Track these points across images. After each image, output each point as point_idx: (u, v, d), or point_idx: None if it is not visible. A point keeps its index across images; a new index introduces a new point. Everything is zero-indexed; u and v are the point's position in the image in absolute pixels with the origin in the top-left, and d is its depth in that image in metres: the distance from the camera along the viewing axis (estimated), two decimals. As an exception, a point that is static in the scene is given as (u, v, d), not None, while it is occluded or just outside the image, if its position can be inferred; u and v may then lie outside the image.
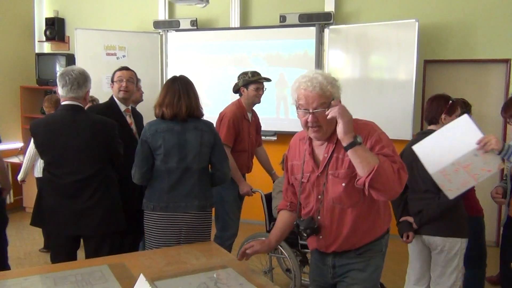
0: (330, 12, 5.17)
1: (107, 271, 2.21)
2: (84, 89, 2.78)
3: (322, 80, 1.92)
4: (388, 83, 5.00)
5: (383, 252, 2.11)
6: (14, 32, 6.31)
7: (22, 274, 2.22)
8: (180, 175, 2.68)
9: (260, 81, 3.68)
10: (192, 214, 2.69)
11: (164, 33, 5.90)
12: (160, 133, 2.66)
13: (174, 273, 2.21)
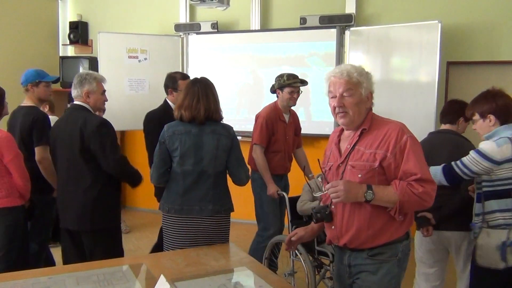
0: (351, 14, 5.14)
1: (128, 271, 2.24)
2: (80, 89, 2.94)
3: (350, 69, 2.03)
4: (410, 86, 4.94)
5: (400, 259, 2.03)
6: (39, 35, 6.45)
7: (46, 273, 2.26)
8: (195, 178, 2.67)
9: (294, 85, 3.68)
10: (207, 218, 2.68)
11: (185, 36, 5.95)
12: (178, 135, 2.67)
13: (193, 274, 2.22)
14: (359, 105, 2.02)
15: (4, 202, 2.91)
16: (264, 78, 5.59)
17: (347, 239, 2.04)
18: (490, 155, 2.49)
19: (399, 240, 2.02)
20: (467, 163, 2.56)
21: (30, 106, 3.43)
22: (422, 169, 1.91)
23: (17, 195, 2.97)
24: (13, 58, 6.05)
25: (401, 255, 2.03)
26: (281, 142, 3.75)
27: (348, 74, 2.00)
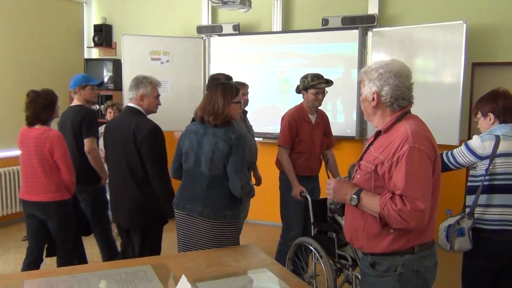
0: (374, 15, 5.09)
1: (150, 271, 2.26)
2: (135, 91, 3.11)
3: (366, 67, 2.02)
4: (434, 87, 4.87)
5: (402, 274, 1.87)
6: (64, 38, 6.57)
7: (70, 272, 2.30)
8: (192, 177, 2.75)
9: (318, 86, 3.65)
10: (197, 219, 2.71)
11: (207, 38, 5.99)
12: (188, 134, 2.79)
13: (214, 275, 2.23)
14: (363, 103, 2.01)
15: (55, 196, 3.23)
16: (286, 79, 5.58)
17: (349, 236, 2.04)
18: (474, 149, 2.65)
19: (399, 253, 1.88)
20: (455, 154, 2.72)
21: (79, 105, 3.82)
22: (407, 185, 1.75)
23: (65, 190, 3.29)
24: (40, 60, 6.19)
25: (403, 270, 1.87)
26: (307, 143, 3.73)
27: (362, 72, 2.01)
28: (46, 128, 3.26)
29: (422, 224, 1.79)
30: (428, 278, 1.93)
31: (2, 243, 5.10)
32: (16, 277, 2.38)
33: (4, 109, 5.73)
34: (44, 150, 3.19)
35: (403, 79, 1.91)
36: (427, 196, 1.78)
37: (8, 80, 5.80)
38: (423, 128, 1.90)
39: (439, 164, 1.91)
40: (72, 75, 6.54)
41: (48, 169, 3.21)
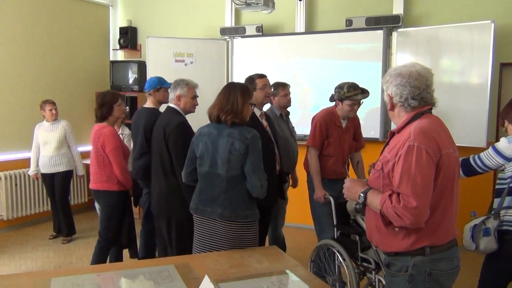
0: (399, 15, 5.03)
1: (173, 270, 2.28)
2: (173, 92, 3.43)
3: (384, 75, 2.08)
4: (461, 88, 4.77)
5: (413, 276, 1.88)
6: (91, 41, 6.70)
7: (95, 270, 2.34)
8: (209, 179, 2.72)
9: (354, 98, 3.57)
10: (217, 222, 2.69)
11: (230, 39, 6.01)
12: (201, 137, 2.77)
13: (237, 276, 2.24)
14: (387, 106, 2.07)
15: (104, 186, 3.61)
16: (309, 81, 5.56)
17: (368, 233, 2.10)
18: (501, 150, 2.69)
19: (410, 254, 1.89)
20: (482, 157, 2.75)
21: (152, 108, 4.02)
22: (401, 182, 1.79)
23: (115, 182, 3.60)
24: (67, 62, 6.33)
25: (414, 271, 1.88)
26: (335, 146, 3.69)
27: (382, 79, 2.09)
28: (103, 125, 3.64)
29: (418, 222, 1.78)
30: (443, 282, 1.91)
31: (30, 241, 5.23)
32: (44, 275, 2.44)
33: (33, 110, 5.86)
34: (98, 145, 3.58)
35: (412, 80, 1.93)
36: (422, 193, 1.77)
37: (37, 82, 5.94)
38: (433, 128, 1.88)
39: (449, 165, 1.87)
40: (98, 76, 6.74)
41: (101, 161, 3.60)
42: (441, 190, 1.85)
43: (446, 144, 1.88)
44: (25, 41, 5.76)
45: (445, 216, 1.87)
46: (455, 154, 1.94)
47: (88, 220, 6.22)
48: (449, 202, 1.89)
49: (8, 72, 5.59)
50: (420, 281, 1.89)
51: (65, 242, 5.22)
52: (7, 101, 5.55)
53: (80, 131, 6.51)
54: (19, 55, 5.70)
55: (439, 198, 1.85)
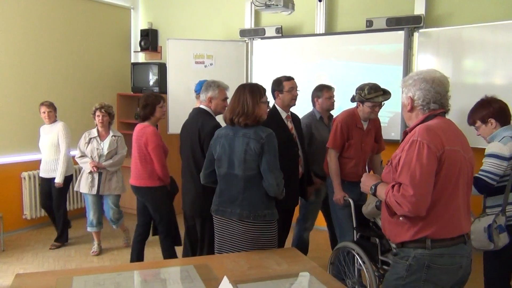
0: (420, 15, 4.96)
1: (193, 271, 2.29)
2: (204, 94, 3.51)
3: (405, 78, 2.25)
4: (485, 89, 4.63)
5: (411, 266, 2.02)
6: (113, 43, 6.79)
7: (116, 270, 2.37)
8: (228, 180, 2.77)
9: (375, 100, 3.54)
10: (237, 222, 2.72)
11: (249, 41, 6.02)
12: (219, 139, 2.82)
13: (256, 277, 2.24)
14: (403, 109, 2.22)
15: (146, 182, 3.85)
16: (329, 82, 5.53)
17: (382, 227, 2.23)
18: (503, 154, 2.78)
19: (412, 246, 2.02)
20: (490, 169, 2.79)
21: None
22: (401, 172, 1.96)
23: (156, 178, 3.83)
24: (90, 64, 6.43)
25: (413, 262, 2.01)
26: (356, 149, 3.66)
27: (402, 81, 2.25)
28: (145, 125, 3.87)
29: (415, 210, 1.91)
30: (440, 276, 2.00)
31: (53, 240, 5.32)
32: (66, 273, 2.48)
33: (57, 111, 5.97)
34: (141, 143, 3.81)
35: (435, 85, 2.07)
36: (420, 183, 1.90)
37: (60, 84, 6.04)
38: (440, 127, 2.01)
39: (454, 161, 1.98)
40: (119, 78, 6.83)
41: (144, 159, 3.83)
42: (444, 183, 1.96)
43: (453, 142, 2.00)
44: (49, 44, 5.87)
45: (448, 210, 1.98)
46: (466, 154, 2.05)
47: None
48: (454, 197, 1.98)
49: (32, 75, 5.70)
50: (417, 271, 2.01)
51: (54, 247, 5.05)
52: (31, 103, 5.66)
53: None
54: (43, 58, 5.81)
55: (441, 191, 1.96)
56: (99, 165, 4.65)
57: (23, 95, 5.56)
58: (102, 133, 4.75)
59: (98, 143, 4.71)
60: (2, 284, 3.94)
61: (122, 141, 4.82)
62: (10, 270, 4.38)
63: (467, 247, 2.06)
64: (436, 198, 1.95)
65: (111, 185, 4.74)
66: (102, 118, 4.68)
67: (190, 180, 3.48)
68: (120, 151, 4.78)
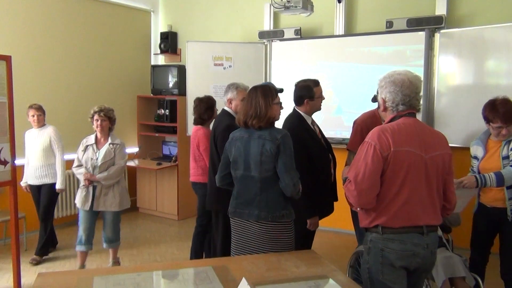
0: (442, 16, 4.89)
1: (212, 272, 2.30)
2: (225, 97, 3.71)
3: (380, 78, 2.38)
4: (507, 90, 4.54)
5: (370, 249, 2.24)
6: (133, 46, 6.87)
7: (136, 270, 2.39)
8: (244, 182, 2.77)
9: None
10: (255, 224, 2.72)
11: (268, 42, 6.03)
12: (234, 141, 2.83)
13: (274, 279, 2.23)
14: (379, 108, 2.39)
15: (200, 178, 4.11)
16: (348, 84, 5.49)
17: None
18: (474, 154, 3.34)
19: (369, 230, 2.27)
20: None
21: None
22: (350, 170, 2.21)
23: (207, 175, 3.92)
24: (111, 67, 6.51)
25: (371, 245, 2.24)
26: None
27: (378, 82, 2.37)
28: (199, 127, 4.17)
29: (357, 203, 2.18)
30: (394, 260, 2.18)
31: (74, 240, 5.39)
32: (87, 273, 2.52)
33: (77, 113, 6.07)
34: (195, 144, 4.13)
35: (404, 88, 2.22)
36: (361, 181, 2.13)
37: (80, 85, 6.14)
38: (394, 129, 2.18)
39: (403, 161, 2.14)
40: (140, 80, 6.90)
41: (197, 158, 4.12)
42: (391, 180, 2.15)
43: (404, 143, 2.15)
44: (71, 47, 5.97)
45: (396, 203, 2.16)
46: (425, 154, 2.18)
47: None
48: (402, 192, 2.15)
49: (55, 77, 5.80)
50: (375, 254, 2.22)
51: (34, 262, 4.61)
52: (52, 105, 5.76)
53: (122, 134, 6.68)
54: (65, 61, 5.91)
55: (389, 187, 2.16)
56: (92, 177, 4.10)
57: (44, 97, 5.65)
58: (101, 140, 4.22)
59: (94, 152, 4.16)
60: (25, 283, 4.02)
61: (121, 150, 4.25)
62: (32, 269, 4.46)
63: (426, 238, 2.19)
64: (385, 193, 2.16)
65: (107, 200, 4.15)
66: (101, 122, 4.14)
67: (209, 176, 3.73)
68: (118, 162, 4.19)
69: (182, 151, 6.33)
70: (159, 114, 6.59)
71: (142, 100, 6.81)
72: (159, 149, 6.98)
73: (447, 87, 4.94)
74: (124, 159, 4.25)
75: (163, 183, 6.46)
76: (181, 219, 6.36)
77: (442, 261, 3.08)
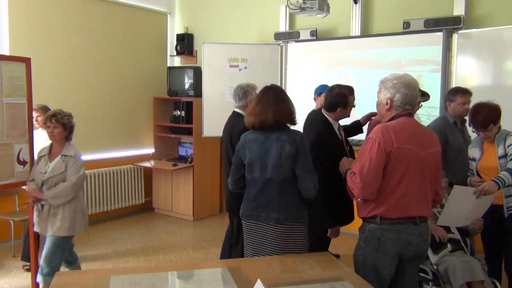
0: (460, 16, 4.83)
1: (227, 273, 2.30)
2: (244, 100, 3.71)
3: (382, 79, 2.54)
4: (527, 91, 4.51)
5: (367, 237, 2.42)
6: (150, 48, 6.93)
7: (151, 270, 2.41)
8: (262, 185, 2.71)
9: None
10: (273, 226, 2.68)
11: (284, 44, 6.02)
12: (248, 144, 2.76)
13: (289, 281, 2.22)
14: (378, 106, 2.54)
15: None
16: (364, 85, 5.46)
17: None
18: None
19: (366, 220, 2.45)
20: None
21: (318, 109, 3.93)
22: (355, 163, 2.39)
23: None
24: (127, 68, 6.57)
25: (368, 234, 2.43)
26: None
27: (380, 81, 2.53)
28: None
29: (361, 194, 2.35)
30: (389, 247, 2.37)
31: (91, 240, 5.47)
32: (104, 272, 2.54)
33: (94, 114, 6.14)
34: None
35: (411, 90, 2.42)
36: (366, 174, 2.30)
37: (98, 87, 6.21)
38: (396, 127, 2.36)
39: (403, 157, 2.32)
40: (156, 82, 6.96)
41: None
42: (391, 174, 2.32)
43: (405, 140, 2.33)
44: (88, 49, 6.04)
45: (394, 195, 2.33)
46: (422, 151, 2.37)
47: (112, 230, 6.41)
48: (401, 185, 2.33)
49: (70, 79, 5.88)
50: (371, 242, 2.41)
51: (28, 268, 4.25)
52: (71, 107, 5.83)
53: (137, 135, 6.76)
54: (83, 62, 5.98)
55: (389, 180, 2.33)
56: (38, 194, 3.39)
57: (62, 99, 5.73)
58: (55, 151, 3.51)
59: (44, 164, 3.46)
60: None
61: (75, 164, 3.46)
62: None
63: (419, 227, 2.39)
64: (384, 185, 2.33)
65: (55, 223, 3.40)
66: (53, 130, 3.45)
67: (226, 179, 3.59)
68: (69, 178, 3.41)
69: (197, 152, 6.36)
70: (175, 115, 6.63)
71: (158, 102, 6.85)
72: (175, 150, 7.02)
73: (465, 89, 4.87)
74: (78, 175, 3.43)
75: (178, 184, 6.50)
76: (197, 220, 6.39)
77: (461, 265, 3.04)
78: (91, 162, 6.04)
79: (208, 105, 6.07)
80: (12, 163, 3.48)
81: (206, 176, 6.48)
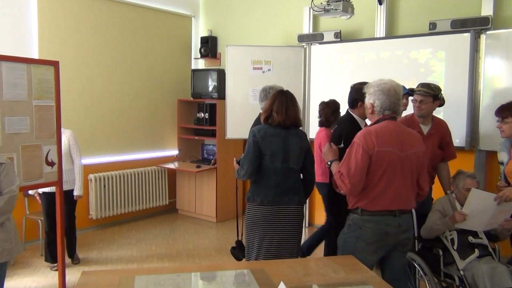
0: (488, 17, 4.72)
1: (250, 275, 2.30)
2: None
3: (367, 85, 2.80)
4: (559, 93, 4.38)
5: (350, 226, 2.72)
6: (174, 50, 7.01)
7: (175, 271, 2.43)
8: (284, 173, 3.12)
9: (417, 92, 3.55)
10: (293, 208, 3.13)
11: (307, 46, 6.00)
12: (269, 137, 3.10)
13: (312, 284, 2.21)
14: (365, 109, 2.80)
15: (319, 178, 4.18)
16: (388, 87, 5.40)
17: None
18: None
19: (351, 211, 2.75)
20: None
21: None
22: (343, 165, 2.63)
23: (326, 175, 4.08)
24: (152, 71, 6.67)
25: (351, 223, 2.73)
26: None
27: (365, 87, 2.78)
28: (323, 129, 4.46)
29: (349, 192, 2.64)
30: (369, 236, 2.66)
31: (116, 240, 5.55)
32: (129, 272, 2.58)
33: (121, 117, 6.23)
34: (317, 144, 4.42)
35: (391, 97, 2.64)
36: (353, 175, 2.57)
37: (124, 90, 6.31)
38: (378, 131, 2.60)
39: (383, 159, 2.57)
40: (180, 84, 7.03)
41: (318, 158, 4.18)
42: (372, 174, 2.59)
43: (385, 143, 2.58)
44: (115, 52, 6.15)
45: (374, 191, 2.62)
46: (402, 152, 2.61)
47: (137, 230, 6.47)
48: (380, 183, 2.60)
49: (97, 81, 5.99)
50: (353, 230, 2.72)
51: (76, 262, 4.76)
52: (97, 109, 5.95)
53: (162, 137, 6.84)
54: (109, 65, 6.10)
55: (370, 179, 2.60)
56: None
57: (89, 101, 5.85)
58: None
59: None
60: (69, 280, 4.16)
61: (9, 173, 2.76)
62: (76, 267, 4.62)
63: (398, 219, 2.65)
64: (367, 182, 2.61)
65: None
66: None
67: None
68: (7, 189, 2.73)
69: (221, 154, 6.40)
70: (199, 118, 6.68)
71: (182, 104, 6.92)
72: (198, 152, 7.07)
73: (492, 90, 4.76)
74: (15, 185, 2.78)
75: (202, 186, 6.54)
76: (220, 221, 6.41)
77: (488, 271, 2.97)
78: (116, 164, 6.15)
79: (232, 108, 6.09)
80: (41, 164, 3.55)
81: (229, 178, 6.50)
